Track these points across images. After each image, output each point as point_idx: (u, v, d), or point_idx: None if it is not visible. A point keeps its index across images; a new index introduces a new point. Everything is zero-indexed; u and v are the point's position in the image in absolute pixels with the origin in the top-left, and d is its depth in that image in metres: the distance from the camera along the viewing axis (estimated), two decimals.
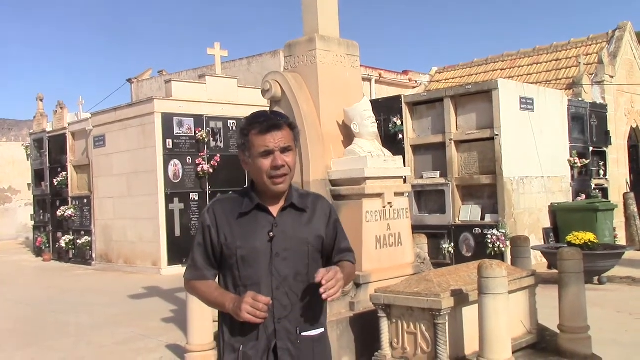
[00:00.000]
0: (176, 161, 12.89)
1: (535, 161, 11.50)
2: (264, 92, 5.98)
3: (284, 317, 2.25)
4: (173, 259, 12.59)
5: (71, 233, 15.52)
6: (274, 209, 2.32)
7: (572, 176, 12.72)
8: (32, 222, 18.10)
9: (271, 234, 2.27)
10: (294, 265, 2.27)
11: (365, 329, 4.95)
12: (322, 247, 2.38)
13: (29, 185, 18.84)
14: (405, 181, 6.08)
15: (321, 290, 2.13)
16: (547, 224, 11.74)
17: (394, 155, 5.92)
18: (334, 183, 5.61)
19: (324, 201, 2.46)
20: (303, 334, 2.28)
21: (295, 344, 2.26)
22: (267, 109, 6.10)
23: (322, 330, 2.37)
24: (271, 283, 2.24)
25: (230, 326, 2.29)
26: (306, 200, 2.39)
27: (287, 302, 2.26)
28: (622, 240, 13.65)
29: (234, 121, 13.65)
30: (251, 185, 2.39)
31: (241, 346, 2.26)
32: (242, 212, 2.31)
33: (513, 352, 4.26)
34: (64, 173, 15.88)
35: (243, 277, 2.27)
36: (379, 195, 5.48)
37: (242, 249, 2.27)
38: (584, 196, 12.71)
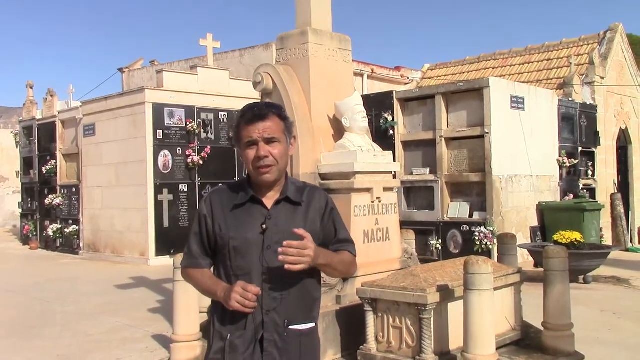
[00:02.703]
0: (166, 152, 12.85)
1: (524, 160, 11.56)
2: (256, 84, 5.97)
3: (273, 309, 2.26)
4: (161, 250, 12.57)
5: (59, 222, 15.45)
6: (269, 202, 2.33)
7: (561, 176, 12.81)
8: (20, 210, 17.99)
9: (264, 226, 2.28)
10: None
11: (351, 322, 4.97)
12: (318, 239, 2.36)
13: (17, 172, 18.73)
14: (394, 176, 6.10)
15: (279, 250, 2.14)
16: (535, 222, 11.82)
17: (384, 150, 5.94)
18: (323, 177, 5.61)
19: (320, 193, 2.46)
20: (291, 327, 2.29)
21: (282, 336, 2.27)
22: (258, 101, 6.10)
23: (312, 325, 2.38)
24: (261, 274, 2.26)
25: (221, 314, 2.32)
26: (302, 193, 2.39)
27: (277, 295, 2.27)
28: (608, 240, 13.77)
29: (225, 113, 13.63)
30: (248, 176, 2.40)
31: (229, 335, 2.28)
32: (237, 203, 2.33)
33: (497, 348, 4.30)
34: (52, 161, 15.80)
35: (235, 267, 2.30)
36: (368, 190, 5.49)
37: (234, 239, 2.29)
38: (571, 196, 12.80)
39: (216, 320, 2.35)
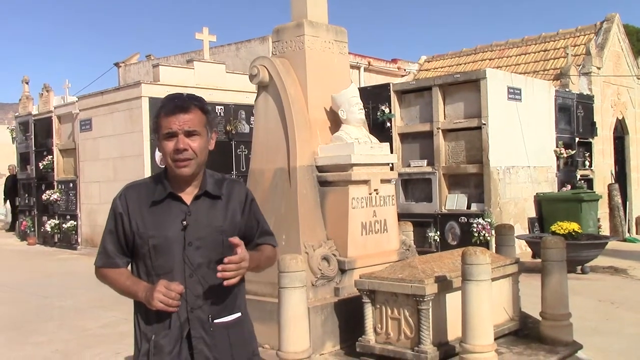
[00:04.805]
0: None
1: (521, 151, 11.56)
2: (252, 77, 5.94)
3: (198, 307, 2.23)
4: None
5: (56, 217, 15.42)
6: (188, 197, 2.29)
7: (558, 166, 12.81)
8: (17, 206, 17.96)
9: (184, 222, 2.23)
10: (208, 254, 2.24)
11: (349, 314, 4.97)
12: (239, 232, 2.35)
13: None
14: (392, 168, 6.09)
15: (218, 267, 2.13)
16: (533, 213, 11.83)
17: (381, 143, 5.92)
18: (320, 169, 5.60)
19: (240, 186, 2.43)
20: (216, 321, 2.26)
21: (209, 332, 2.24)
22: (255, 94, 6.08)
23: (239, 315, 2.35)
24: (184, 271, 2.22)
25: (145, 315, 2.27)
26: (221, 187, 2.35)
27: (201, 291, 2.23)
28: (605, 230, 13.80)
29: (222, 107, 13.58)
30: (165, 170, 2.35)
31: (153, 335, 2.24)
32: (155, 200, 2.28)
33: (495, 339, 4.30)
34: (49, 157, 15.75)
35: (156, 267, 2.25)
36: (366, 181, 5.48)
37: (154, 238, 2.24)
38: (569, 186, 12.81)
39: (140, 320, 2.29)
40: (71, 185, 15.04)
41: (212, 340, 2.24)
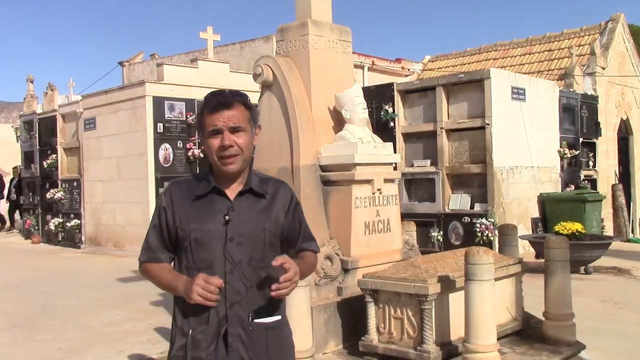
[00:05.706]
0: (167, 145, 12.84)
1: (525, 151, 11.55)
2: (256, 76, 5.95)
3: (237, 303, 2.19)
4: None
5: (60, 216, 15.45)
6: (232, 193, 2.27)
7: (562, 167, 12.79)
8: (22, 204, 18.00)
9: (226, 217, 2.22)
10: (249, 251, 2.22)
11: (352, 313, 4.98)
12: (282, 234, 2.34)
13: (18, 167, 18.71)
14: (395, 168, 6.10)
15: (273, 287, 2.11)
16: (536, 214, 11.81)
17: (384, 142, 5.93)
18: (324, 168, 5.61)
19: (286, 187, 2.40)
20: (256, 320, 2.21)
21: (247, 330, 2.20)
22: (259, 93, 6.09)
23: (279, 318, 2.31)
24: (224, 267, 2.19)
25: (183, 309, 2.25)
26: (266, 186, 2.33)
27: (241, 287, 2.20)
28: (609, 231, 13.78)
29: None
30: (210, 167, 2.35)
31: (191, 330, 2.22)
32: (199, 194, 2.27)
33: (498, 338, 4.31)
34: (53, 155, 15.78)
35: (196, 260, 2.23)
36: (369, 181, 5.49)
37: (196, 231, 2.23)
38: (572, 187, 12.79)
39: (178, 315, 2.28)
40: (75, 184, 15.07)
41: (250, 340, 2.20)
